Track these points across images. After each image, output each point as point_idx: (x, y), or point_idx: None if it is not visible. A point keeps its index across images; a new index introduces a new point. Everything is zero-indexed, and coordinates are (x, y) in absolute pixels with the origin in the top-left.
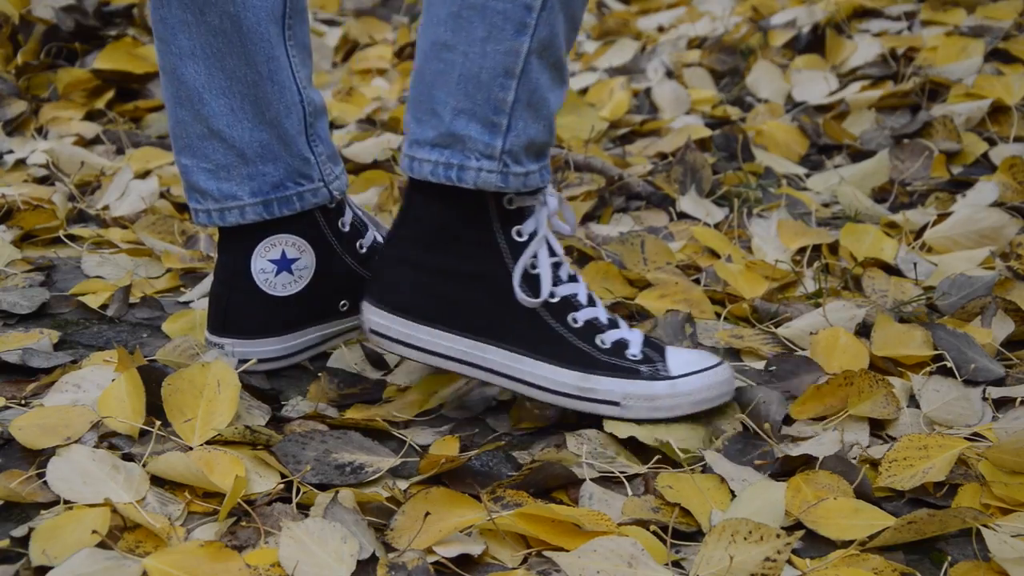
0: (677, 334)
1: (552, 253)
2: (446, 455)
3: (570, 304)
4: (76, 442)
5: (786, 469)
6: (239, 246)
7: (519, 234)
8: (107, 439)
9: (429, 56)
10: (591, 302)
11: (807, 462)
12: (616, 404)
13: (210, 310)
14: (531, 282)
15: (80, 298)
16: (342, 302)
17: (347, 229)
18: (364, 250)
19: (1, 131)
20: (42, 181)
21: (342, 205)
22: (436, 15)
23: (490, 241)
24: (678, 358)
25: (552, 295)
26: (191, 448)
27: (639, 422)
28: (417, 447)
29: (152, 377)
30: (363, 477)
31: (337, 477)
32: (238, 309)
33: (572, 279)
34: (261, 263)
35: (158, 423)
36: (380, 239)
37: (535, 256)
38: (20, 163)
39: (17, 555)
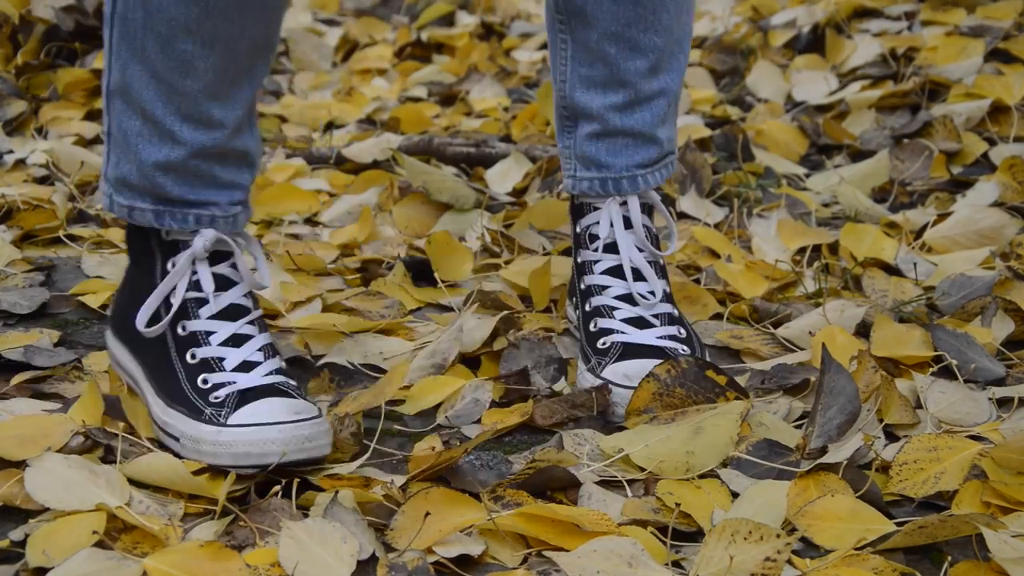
0: None
1: (197, 288)
2: (438, 453)
3: (196, 340)
4: (60, 451)
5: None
6: None
7: (173, 265)
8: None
9: None
10: (235, 344)
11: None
12: (178, 440)
13: None
14: (167, 310)
15: (80, 298)
16: None
17: None
18: None
19: (1, 131)
20: (42, 181)
21: None
22: None
23: (151, 268)
24: (259, 408)
25: (182, 328)
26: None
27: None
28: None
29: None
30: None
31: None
32: None
33: (226, 318)
34: None
35: (122, 425)
36: None
37: (174, 288)
38: (20, 163)
39: (17, 555)
